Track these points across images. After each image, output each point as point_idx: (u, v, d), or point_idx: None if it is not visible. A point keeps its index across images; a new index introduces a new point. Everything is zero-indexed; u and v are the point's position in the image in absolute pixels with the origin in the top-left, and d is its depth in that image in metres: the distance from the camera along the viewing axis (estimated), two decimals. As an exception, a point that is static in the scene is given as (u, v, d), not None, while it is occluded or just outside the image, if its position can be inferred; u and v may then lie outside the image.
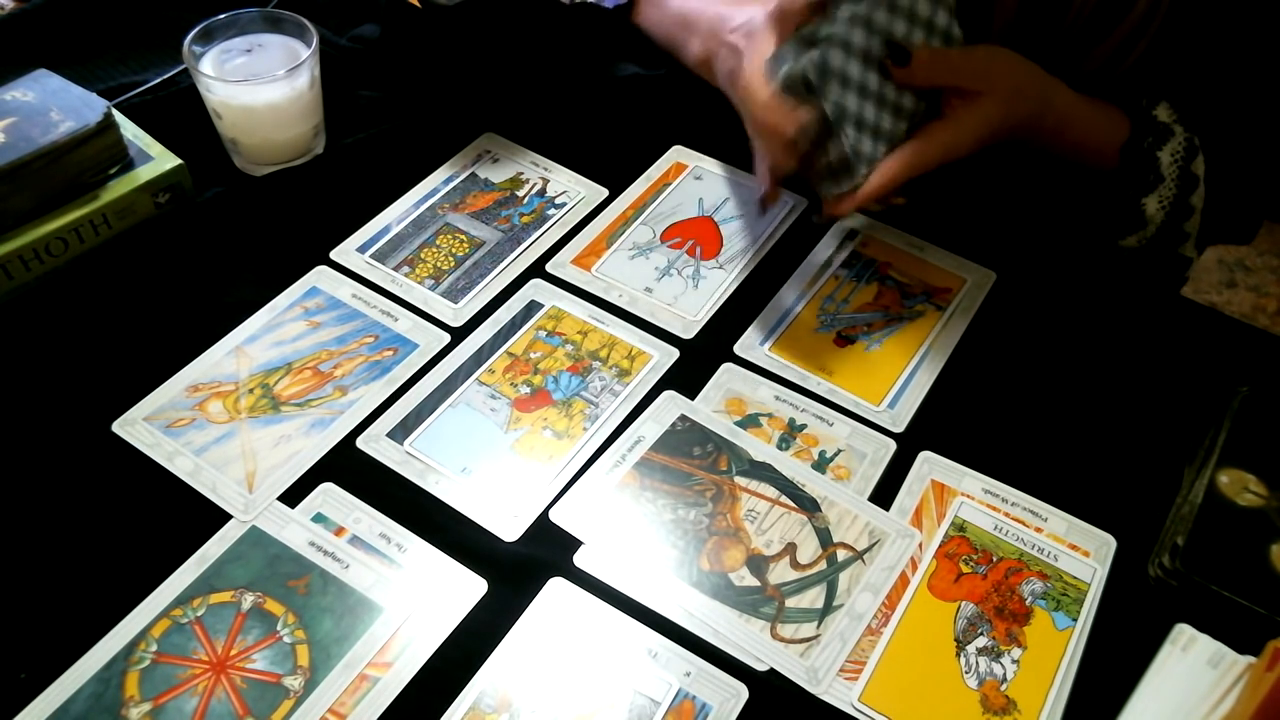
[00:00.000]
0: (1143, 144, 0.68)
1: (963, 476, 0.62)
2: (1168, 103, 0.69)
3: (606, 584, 0.56)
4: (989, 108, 0.63)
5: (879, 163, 0.63)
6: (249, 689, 0.51)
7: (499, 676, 0.52)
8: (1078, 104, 0.69)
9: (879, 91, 0.62)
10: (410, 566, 0.56)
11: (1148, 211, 0.69)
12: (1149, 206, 0.69)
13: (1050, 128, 0.68)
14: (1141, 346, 0.70)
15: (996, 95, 0.64)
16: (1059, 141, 0.69)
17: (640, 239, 0.74)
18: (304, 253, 0.71)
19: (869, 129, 0.62)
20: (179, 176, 0.71)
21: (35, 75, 0.70)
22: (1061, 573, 0.58)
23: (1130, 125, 0.69)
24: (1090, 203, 0.72)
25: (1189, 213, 0.69)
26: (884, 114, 0.63)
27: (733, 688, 0.52)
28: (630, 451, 0.61)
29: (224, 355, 0.65)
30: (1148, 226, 0.70)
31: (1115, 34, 0.69)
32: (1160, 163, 0.68)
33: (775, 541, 0.58)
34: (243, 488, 0.58)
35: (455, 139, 0.79)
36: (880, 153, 0.63)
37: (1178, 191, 0.69)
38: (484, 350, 0.66)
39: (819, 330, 0.69)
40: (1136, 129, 0.69)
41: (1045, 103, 0.67)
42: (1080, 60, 0.71)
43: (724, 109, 0.69)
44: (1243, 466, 0.61)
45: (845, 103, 0.61)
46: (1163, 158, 0.68)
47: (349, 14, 0.88)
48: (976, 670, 0.54)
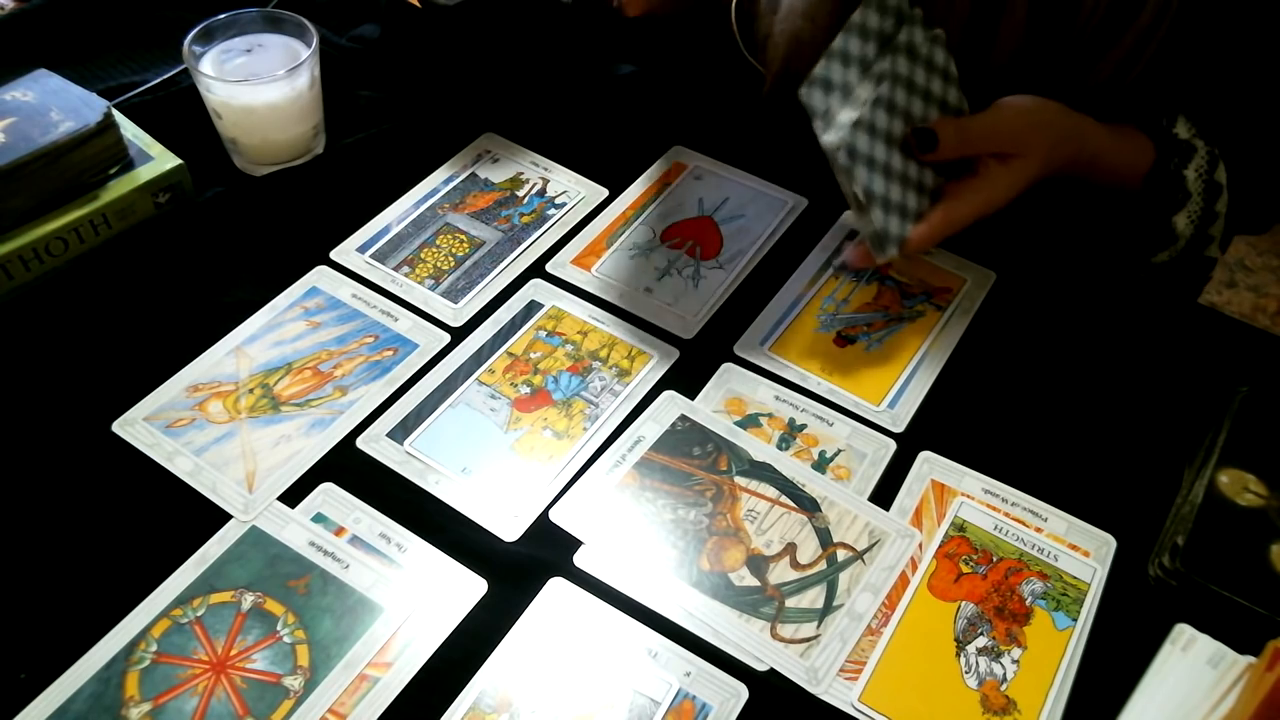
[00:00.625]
0: (1169, 165, 0.69)
1: (963, 476, 0.62)
2: (1184, 116, 0.70)
3: (606, 584, 0.56)
4: (1025, 167, 0.64)
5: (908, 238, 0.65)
6: (249, 689, 0.51)
7: (499, 676, 0.52)
8: (1107, 136, 0.69)
9: (903, 172, 0.64)
10: (410, 566, 0.56)
11: (1178, 228, 0.70)
12: (1179, 224, 0.70)
13: (1084, 164, 0.68)
14: (1142, 346, 0.70)
15: (1032, 155, 0.65)
16: (1091, 175, 0.70)
17: (640, 239, 0.74)
18: (304, 253, 0.71)
19: (896, 209, 0.64)
20: (179, 176, 0.71)
21: (35, 75, 0.70)
22: (1061, 573, 0.58)
23: (1154, 147, 0.70)
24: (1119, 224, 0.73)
25: (1214, 218, 0.70)
26: (909, 193, 0.64)
27: (733, 688, 0.52)
28: (630, 451, 0.61)
29: (224, 355, 0.65)
30: (1178, 241, 0.71)
31: (1124, 41, 0.69)
32: (1187, 180, 0.69)
33: (775, 541, 0.58)
34: (243, 488, 0.58)
35: (455, 139, 0.79)
36: (908, 231, 0.65)
37: (1204, 203, 0.69)
38: (484, 350, 0.66)
39: (819, 330, 0.69)
40: (1161, 151, 0.69)
41: (1080, 146, 0.68)
42: (1089, 71, 0.71)
43: (724, 109, 0.69)
44: (1243, 466, 0.61)
45: (873, 186, 0.62)
46: (1189, 175, 0.69)
47: (349, 14, 0.88)
48: (976, 670, 0.54)
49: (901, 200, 0.64)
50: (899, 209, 0.64)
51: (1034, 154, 0.65)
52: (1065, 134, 0.67)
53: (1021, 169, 0.64)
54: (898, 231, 0.64)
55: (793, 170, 0.78)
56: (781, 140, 0.77)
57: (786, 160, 0.78)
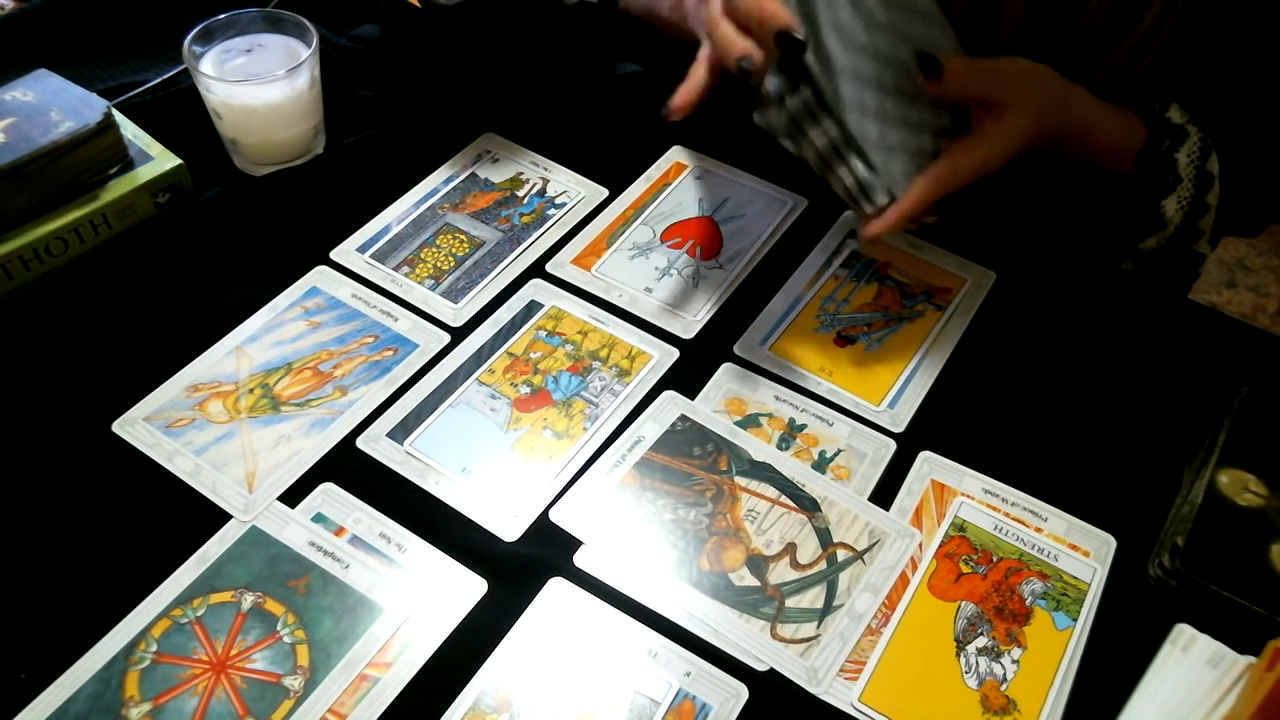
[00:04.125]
0: (1160, 147, 0.69)
1: (963, 476, 0.62)
2: (1178, 104, 0.69)
3: (606, 584, 0.56)
4: (1020, 121, 0.63)
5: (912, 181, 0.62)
6: (249, 689, 0.51)
7: (499, 676, 0.52)
8: (1098, 110, 0.69)
9: (900, 114, 0.62)
10: (410, 566, 0.56)
11: (1167, 213, 0.70)
12: (1168, 208, 0.70)
13: (1075, 135, 0.68)
14: (1142, 346, 0.70)
15: (1027, 109, 0.63)
16: (1081, 148, 0.69)
17: (640, 239, 0.74)
18: (304, 253, 0.71)
19: (897, 149, 0.61)
20: (179, 176, 0.71)
21: (35, 75, 0.70)
22: (1061, 573, 0.58)
23: (1146, 128, 0.69)
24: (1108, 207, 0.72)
25: (1204, 210, 0.70)
26: (908, 133, 0.62)
27: (733, 688, 0.52)
28: (630, 451, 0.61)
29: (224, 355, 0.65)
30: (1167, 227, 0.71)
31: (1126, 42, 0.69)
32: (1178, 164, 0.69)
33: (775, 541, 0.58)
34: (243, 488, 0.58)
35: (455, 139, 0.79)
36: (912, 169, 0.62)
37: (1195, 191, 0.69)
38: (484, 350, 0.66)
39: (819, 330, 0.69)
40: (1153, 132, 0.69)
41: (1071, 112, 0.67)
42: (1091, 68, 0.71)
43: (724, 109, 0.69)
44: (1243, 466, 0.61)
45: (866, 131, 0.60)
46: (1180, 159, 0.68)
47: (349, 14, 0.88)
48: (976, 670, 0.54)
49: (903, 142, 0.61)
50: (900, 149, 0.61)
51: (1027, 108, 0.63)
52: (1059, 95, 0.66)
53: (1015, 123, 0.63)
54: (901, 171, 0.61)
55: (793, 170, 0.77)
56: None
57: (786, 160, 0.77)
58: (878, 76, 0.61)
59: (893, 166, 0.61)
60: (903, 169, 0.62)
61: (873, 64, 0.61)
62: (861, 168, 0.60)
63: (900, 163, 0.61)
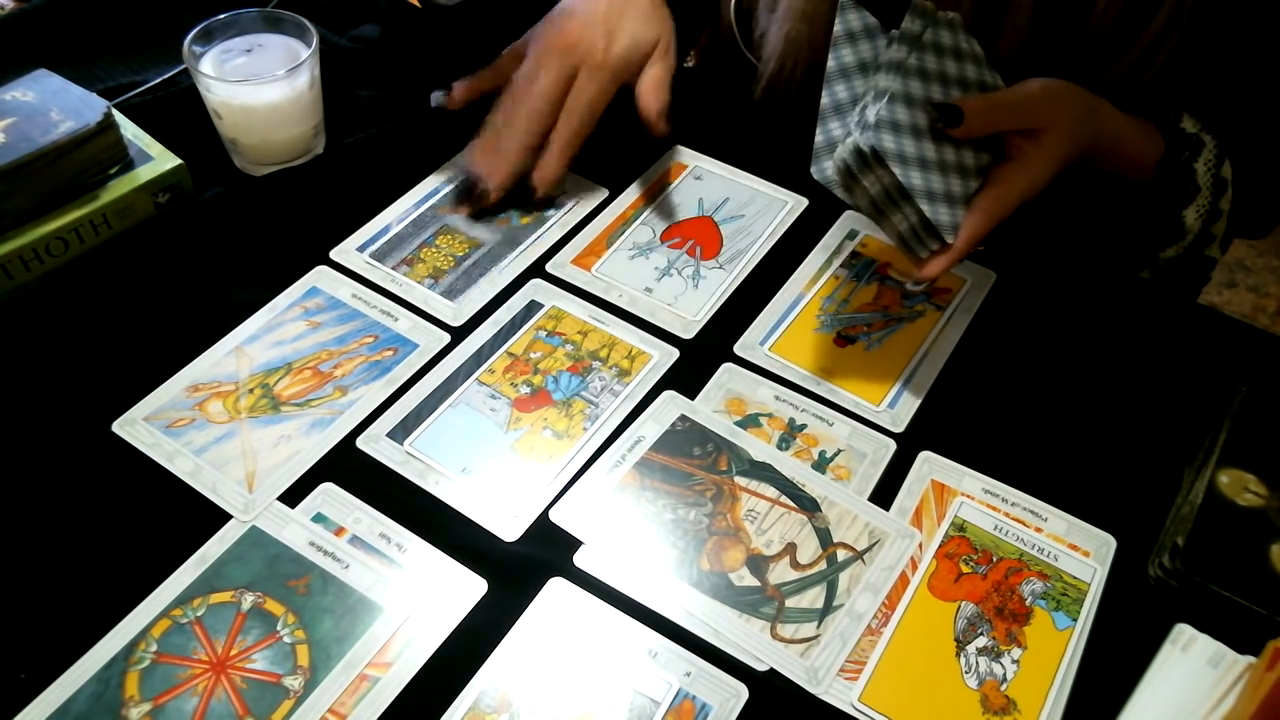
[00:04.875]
0: (1180, 157, 0.69)
1: (963, 476, 0.62)
2: (1188, 113, 0.70)
3: (606, 584, 0.56)
4: (1057, 141, 0.63)
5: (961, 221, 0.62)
6: (249, 689, 0.51)
7: (499, 676, 0.52)
8: (1122, 121, 0.69)
9: (939, 159, 0.61)
10: (410, 566, 0.56)
11: (1187, 222, 0.70)
12: (1188, 217, 0.70)
13: (1105, 147, 0.68)
14: (1142, 346, 0.70)
15: (1062, 128, 0.63)
16: (1109, 158, 0.69)
17: (640, 239, 0.74)
18: (304, 253, 0.71)
19: (941, 198, 0.61)
20: (179, 176, 0.71)
21: (35, 75, 0.70)
22: (1061, 573, 0.58)
23: (1164, 138, 0.69)
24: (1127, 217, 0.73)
25: (1218, 216, 0.70)
26: (952, 178, 0.62)
27: (733, 688, 0.52)
28: (630, 451, 0.61)
29: (224, 355, 0.65)
30: (1186, 236, 0.71)
31: (1135, 48, 0.69)
32: (1196, 173, 0.69)
33: (775, 541, 0.58)
34: (243, 488, 0.58)
35: (455, 139, 0.79)
36: (960, 215, 0.62)
37: (1212, 199, 0.70)
38: (484, 350, 0.66)
39: (819, 330, 0.69)
40: (1171, 143, 0.69)
41: (1101, 123, 0.67)
42: (1098, 74, 0.70)
43: (724, 109, 0.69)
44: (1243, 466, 0.61)
45: (911, 180, 0.59)
46: (1199, 169, 0.69)
47: (349, 14, 0.88)
48: (976, 670, 0.54)
49: (946, 187, 0.61)
50: (944, 197, 0.61)
51: (1062, 129, 0.63)
52: (1088, 110, 0.66)
53: (1053, 145, 0.63)
54: (949, 219, 0.61)
55: (793, 170, 0.78)
56: (781, 140, 0.77)
57: (786, 160, 0.78)
58: (913, 123, 0.61)
59: (940, 214, 0.61)
60: (950, 217, 0.61)
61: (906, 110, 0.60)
62: (914, 215, 0.60)
63: (947, 209, 0.61)
